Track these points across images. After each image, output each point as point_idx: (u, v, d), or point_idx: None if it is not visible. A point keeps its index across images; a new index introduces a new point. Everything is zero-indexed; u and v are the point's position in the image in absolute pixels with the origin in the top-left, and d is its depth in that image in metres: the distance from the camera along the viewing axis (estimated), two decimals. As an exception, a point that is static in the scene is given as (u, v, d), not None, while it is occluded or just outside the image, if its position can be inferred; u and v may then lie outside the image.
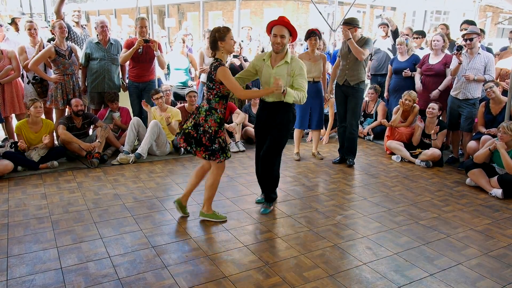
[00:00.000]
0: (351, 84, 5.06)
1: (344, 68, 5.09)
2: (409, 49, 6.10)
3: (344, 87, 5.13)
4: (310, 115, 5.40)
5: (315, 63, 5.18)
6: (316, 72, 5.21)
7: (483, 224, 3.75)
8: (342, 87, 5.16)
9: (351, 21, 4.94)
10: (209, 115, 3.31)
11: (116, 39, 5.80)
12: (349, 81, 5.06)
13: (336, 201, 4.19)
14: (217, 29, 3.31)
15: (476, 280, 2.85)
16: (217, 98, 3.34)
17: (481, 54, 5.10)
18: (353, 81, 5.04)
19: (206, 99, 3.38)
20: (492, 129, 4.94)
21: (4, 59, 5.13)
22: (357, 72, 5.02)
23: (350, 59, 5.01)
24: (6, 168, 4.50)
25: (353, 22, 4.92)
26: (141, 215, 3.70)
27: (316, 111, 5.39)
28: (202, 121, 3.31)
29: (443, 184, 4.80)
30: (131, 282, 2.70)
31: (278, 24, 3.48)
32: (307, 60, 5.19)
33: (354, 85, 5.05)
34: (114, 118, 5.64)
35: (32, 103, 4.78)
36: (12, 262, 2.88)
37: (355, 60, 4.97)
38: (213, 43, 3.32)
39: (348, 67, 5.05)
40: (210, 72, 3.34)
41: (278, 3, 17.03)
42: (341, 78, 5.14)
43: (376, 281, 2.79)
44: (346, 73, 5.07)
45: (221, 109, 3.36)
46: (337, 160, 5.46)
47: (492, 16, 19.97)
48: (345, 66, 5.07)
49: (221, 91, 3.33)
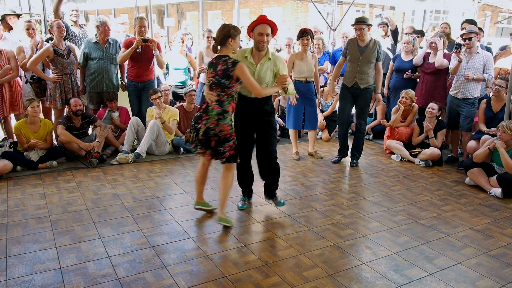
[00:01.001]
0: (360, 87, 5.01)
1: (354, 71, 4.97)
2: (415, 49, 6.09)
3: (353, 89, 5.06)
4: (304, 115, 5.39)
5: (307, 63, 5.16)
6: (308, 72, 5.19)
7: (482, 223, 3.75)
8: (351, 89, 5.07)
9: (364, 19, 4.88)
10: (221, 119, 3.26)
11: (114, 39, 5.79)
12: (359, 84, 4.99)
13: (336, 200, 4.19)
14: (233, 26, 3.30)
15: (475, 280, 2.85)
16: (230, 98, 3.29)
17: (480, 54, 5.10)
18: (363, 84, 4.98)
19: (218, 102, 3.27)
20: (492, 128, 4.95)
21: (3, 59, 5.12)
22: (367, 76, 4.96)
23: (361, 61, 4.92)
24: (5, 168, 4.50)
25: (367, 20, 4.88)
26: (140, 215, 3.70)
27: (310, 111, 5.38)
28: (214, 125, 3.24)
29: (442, 183, 4.80)
30: (131, 282, 2.69)
31: (262, 23, 3.47)
32: (299, 60, 5.17)
33: (364, 87, 5.02)
34: (113, 117, 5.63)
35: (29, 103, 4.77)
36: (11, 262, 2.87)
37: (366, 63, 4.91)
38: (224, 38, 3.27)
39: (359, 70, 4.95)
40: (226, 68, 3.22)
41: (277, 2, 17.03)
42: (350, 80, 5.03)
43: (376, 281, 2.79)
44: (356, 75, 4.97)
45: (231, 110, 3.36)
46: (335, 160, 5.46)
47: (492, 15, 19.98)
48: (355, 69, 4.96)
49: (235, 89, 3.31)
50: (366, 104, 5.12)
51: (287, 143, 6.18)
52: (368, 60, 4.92)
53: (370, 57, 4.91)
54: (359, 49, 4.94)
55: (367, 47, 4.90)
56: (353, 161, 5.31)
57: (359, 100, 5.11)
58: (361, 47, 4.94)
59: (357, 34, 4.90)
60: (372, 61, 4.94)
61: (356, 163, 5.29)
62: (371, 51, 4.90)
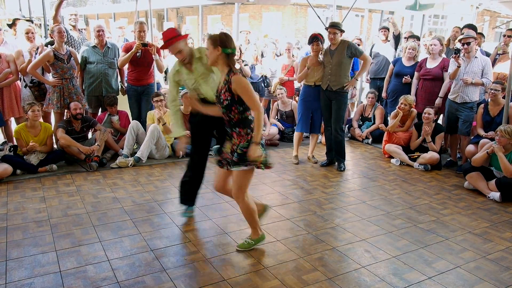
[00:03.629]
0: (333, 89, 5.10)
1: (327, 74, 5.12)
2: (417, 55, 6.12)
3: (328, 92, 5.17)
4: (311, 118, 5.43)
5: (317, 67, 5.20)
6: (317, 76, 5.22)
7: (481, 227, 3.76)
8: (326, 92, 5.19)
9: (338, 24, 5.03)
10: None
11: (113, 43, 5.82)
12: (331, 86, 5.10)
13: (335, 204, 4.20)
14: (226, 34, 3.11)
15: (474, 283, 2.86)
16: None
17: (478, 58, 5.13)
18: (335, 86, 5.08)
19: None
20: (490, 132, 4.97)
21: (3, 63, 5.14)
22: (339, 78, 5.05)
23: (332, 64, 5.05)
24: (5, 171, 4.50)
25: (340, 26, 5.02)
26: (140, 218, 3.70)
27: (318, 115, 5.42)
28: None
29: (441, 187, 4.81)
30: (130, 285, 2.70)
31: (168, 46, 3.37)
32: (310, 64, 5.20)
33: (337, 90, 5.09)
34: (113, 121, 5.65)
35: (30, 107, 4.79)
36: (11, 266, 2.88)
37: (337, 66, 5.02)
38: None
39: (330, 73, 5.08)
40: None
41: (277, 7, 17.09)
42: (324, 83, 5.18)
43: (375, 284, 2.80)
44: (329, 78, 5.10)
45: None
46: (324, 163, 5.47)
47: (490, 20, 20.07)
48: (328, 72, 5.10)
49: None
50: (339, 107, 5.18)
51: (286, 147, 6.19)
52: (339, 61, 5.01)
53: (340, 58, 5.01)
54: (330, 53, 5.08)
55: (337, 50, 5.02)
56: (340, 165, 5.31)
57: (333, 102, 5.19)
58: (331, 50, 5.08)
59: (330, 38, 5.02)
60: (343, 61, 5.02)
61: (343, 167, 5.29)
62: (340, 52, 5.00)
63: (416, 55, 6.10)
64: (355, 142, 6.71)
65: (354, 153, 6.11)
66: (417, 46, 6.13)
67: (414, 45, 6.11)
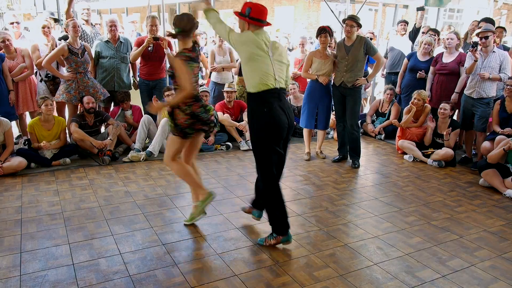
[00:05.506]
0: (348, 86, 5.02)
1: (342, 70, 5.02)
2: (433, 50, 6.01)
3: (341, 88, 5.09)
4: (316, 114, 5.37)
5: (326, 61, 5.13)
6: (326, 69, 5.14)
7: (496, 225, 3.69)
8: (339, 88, 5.11)
9: (357, 18, 4.90)
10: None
11: (126, 38, 5.84)
12: (346, 82, 5.01)
13: (347, 200, 4.16)
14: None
15: (489, 283, 2.81)
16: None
17: (496, 53, 5.01)
18: (350, 82, 4.99)
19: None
20: (507, 128, 4.86)
21: (18, 57, 5.20)
22: (354, 74, 4.96)
23: (348, 61, 4.94)
24: (20, 165, 4.57)
25: (358, 20, 4.89)
26: (152, 212, 3.72)
27: (323, 110, 5.35)
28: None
29: (455, 184, 4.73)
30: (142, 279, 2.71)
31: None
32: (318, 58, 5.13)
33: (352, 86, 5.01)
34: (126, 116, 5.69)
35: (43, 101, 4.85)
36: (25, 258, 2.92)
37: (353, 63, 4.92)
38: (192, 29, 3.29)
39: (346, 69, 4.97)
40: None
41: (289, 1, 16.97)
42: (338, 79, 5.09)
43: (387, 282, 2.77)
44: (343, 75, 5.00)
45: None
46: (336, 159, 5.42)
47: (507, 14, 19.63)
48: (343, 68, 5.00)
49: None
50: (355, 103, 5.10)
51: (297, 143, 6.16)
52: (355, 58, 4.91)
53: (357, 55, 4.90)
54: (345, 49, 4.96)
55: (353, 46, 4.91)
56: (354, 163, 5.24)
57: (348, 99, 5.10)
58: (347, 46, 4.96)
59: (346, 30, 4.90)
60: (360, 59, 4.93)
61: (357, 164, 5.22)
62: (356, 49, 4.89)
63: (432, 50, 5.99)
64: (367, 138, 6.64)
65: (367, 149, 6.05)
66: (433, 41, 6.01)
67: (430, 40, 5.98)
